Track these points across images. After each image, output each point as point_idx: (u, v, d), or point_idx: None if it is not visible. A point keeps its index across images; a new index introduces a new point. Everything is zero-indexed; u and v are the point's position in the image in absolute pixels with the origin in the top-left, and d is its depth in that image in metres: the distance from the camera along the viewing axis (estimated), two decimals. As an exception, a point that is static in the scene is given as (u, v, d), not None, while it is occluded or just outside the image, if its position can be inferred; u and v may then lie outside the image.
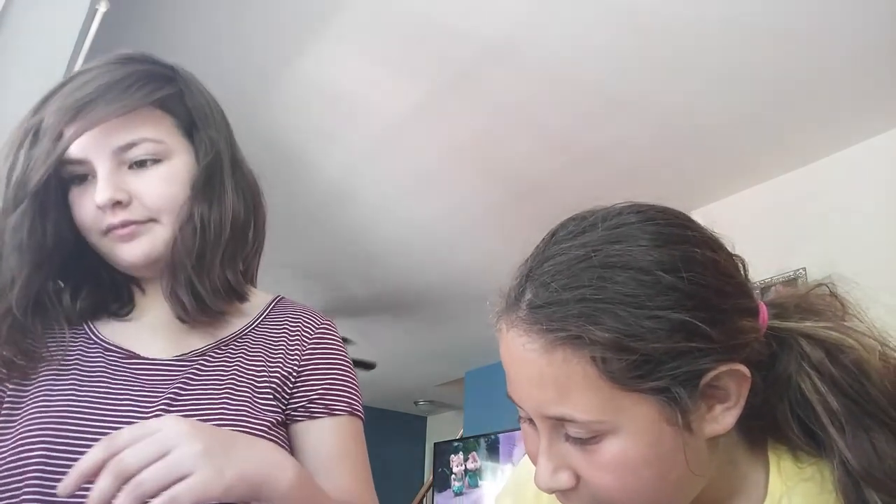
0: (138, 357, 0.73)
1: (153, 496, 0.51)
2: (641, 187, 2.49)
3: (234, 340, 0.77)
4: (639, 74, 2.11)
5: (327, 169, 2.76)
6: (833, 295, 0.60)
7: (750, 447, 0.60)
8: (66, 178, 0.71)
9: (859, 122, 2.29)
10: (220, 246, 0.74)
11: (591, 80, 2.15)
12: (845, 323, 0.58)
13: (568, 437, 0.53)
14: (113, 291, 0.77)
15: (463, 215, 3.03)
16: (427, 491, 4.77)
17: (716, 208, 2.75)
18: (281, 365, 0.76)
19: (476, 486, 4.23)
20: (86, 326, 0.75)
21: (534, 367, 0.52)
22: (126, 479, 0.51)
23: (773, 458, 0.59)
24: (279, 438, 0.73)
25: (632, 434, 0.51)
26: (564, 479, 0.53)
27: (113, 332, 0.75)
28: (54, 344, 0.72)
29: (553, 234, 0.57)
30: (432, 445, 4.95)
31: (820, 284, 0.61)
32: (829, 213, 2.40)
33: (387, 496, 0.77)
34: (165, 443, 0.53)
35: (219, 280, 0.75)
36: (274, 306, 0.83)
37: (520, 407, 0.56)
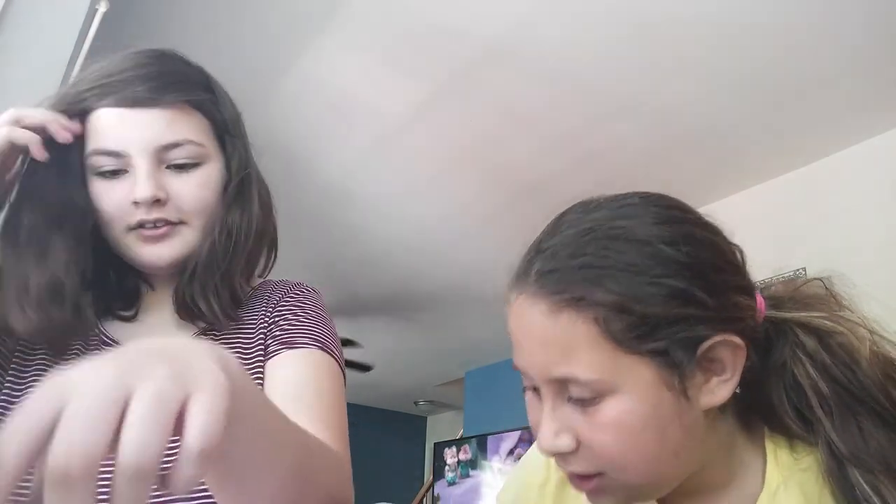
0: None
1: (160, 456, 0.32)
2: (641, 187, 2.46)
3: (217, 333, 0.76)
4: (639, 74, 2.11)
5: (327, 169, 2.76)
6: (827, 290, 0.62)
7: (748, 436, 0.62)
8: (92, 169, 0.69)
9: (859, 122, 2.29)
10: (244, 254, 0.75)
11: (591, 80, 2.15)
12: (838, 313, 0.60)
13: (570, 399, 0.55)
14: (118, 293, 0.76)
15: (463, 215, 3.04)
16: (427, 491, 4.78)
17: (715, 208, 2.73)
18: (262, 339, 0.75)
19: (467, 475, 4.55)
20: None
21: (540, 329, 0.55)
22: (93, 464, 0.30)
23: (769, 448, 0.61)
24: None
25: (632, 395, 0.53)
26: (566, 442, 0.55)
27: (115, 331, 0.75)
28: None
29: (562, 214, 0.61)
30: (432, 445, 4.97)
31: (814, 279, 0.64)
32: (828, 213, 2.40)
33: (386, 496, 0.76)
34: (115, 386, 0.32)
35: (238, 287, 0.76)
36: (255, 290, 0.82)
37: (525, 375, 0.58)
